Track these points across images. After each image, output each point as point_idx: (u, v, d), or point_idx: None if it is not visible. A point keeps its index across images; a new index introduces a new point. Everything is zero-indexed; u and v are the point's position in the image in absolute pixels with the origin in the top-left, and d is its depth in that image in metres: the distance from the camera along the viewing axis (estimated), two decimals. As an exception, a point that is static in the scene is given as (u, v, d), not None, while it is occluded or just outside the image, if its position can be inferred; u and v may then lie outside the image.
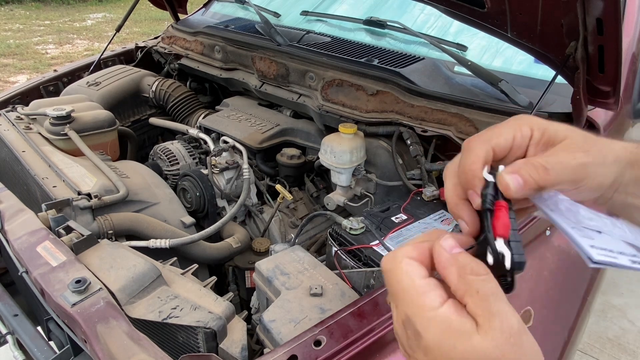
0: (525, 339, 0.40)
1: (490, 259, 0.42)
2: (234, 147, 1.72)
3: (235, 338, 0.97)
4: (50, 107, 1.65)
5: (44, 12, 10.49)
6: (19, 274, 1.04)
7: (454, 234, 0.46)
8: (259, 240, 1.54)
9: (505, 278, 0.42)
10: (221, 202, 1.65)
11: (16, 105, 1.79)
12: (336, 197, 1.53)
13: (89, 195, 1.29)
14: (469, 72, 1.47)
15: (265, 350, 0.95)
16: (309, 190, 1.77)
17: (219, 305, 0.99)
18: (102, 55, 2.31)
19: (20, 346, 1.12)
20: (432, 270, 0.45)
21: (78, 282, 0.93)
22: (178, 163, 1.74)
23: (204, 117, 1.95)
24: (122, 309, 0.93)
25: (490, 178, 0.45)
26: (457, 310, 0.41)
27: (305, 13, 2.14)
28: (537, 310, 1.01)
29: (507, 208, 0.44)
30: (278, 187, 1.63)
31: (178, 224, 1.43)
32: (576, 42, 1.07)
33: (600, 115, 1.35)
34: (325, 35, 1.94)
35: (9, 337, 1.15)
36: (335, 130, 1.51)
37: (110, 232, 1.26)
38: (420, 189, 1.37)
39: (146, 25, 9.24)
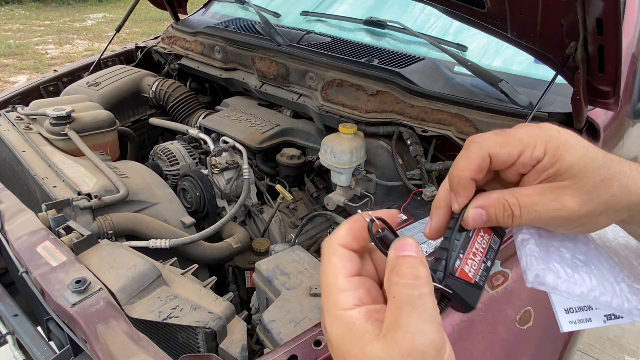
0: None
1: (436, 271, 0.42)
2: (234, 147, 1.72)
3: (235, 338, 0.97)
4: (50, 107, 1.65)
5: (44, 12, 10.49)
6: (19, 274, 1.04)
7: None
8: (259, 240, 1.54)
9: (446, 299, 0.42)
10: (221, 202, 1.65)
11: (16, 105, 1.79)
12: (336, 197, 1.53)
13: (89, 195, 1.29)
14: (469, 72, 1.47)
15: (265, 350, 0.95)
16: (309, 190, 1.77)
17: (219, 305, 0.99)
18: (102, 55, 2.31)
19: (20, 346, 1.12)
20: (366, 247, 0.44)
21: (78, 282, 0.93)
22: (178, 163, 1.74)
23: (204, 117, 1.95)
24: (122, 309, 0.93)
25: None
26: (366, 315, 0.39)
27: (305, 13, 2.14)
28: (537, 310, 1.01)
29: (489, 235, 0.45)
30: (278, 187, 1.63)
31: (178, 224, 1.43)
32: (576, 42, 1.07)
33: (600, 115, 1.35)
34: (325, 36, 1.94)
35: (9, 337, 1.15)
36: (335, 130, 1.51)
37: (110, 232, 1.26)
38: (420, 189, 1.37)
39: (146, 25, 9.25)
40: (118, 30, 2.35)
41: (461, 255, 0.43)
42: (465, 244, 0.44)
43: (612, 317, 0.46)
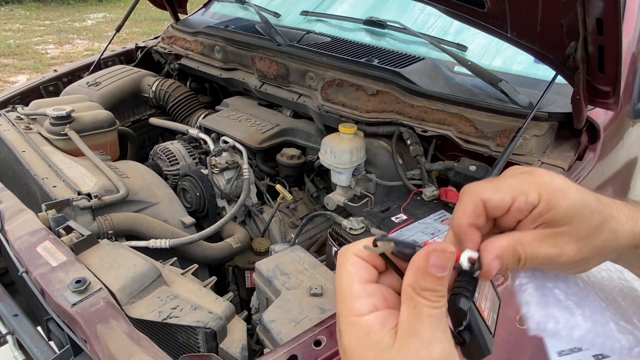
0: None
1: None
2: (234, 147, 1.72)
3: (235, 338, 0.97)
4: (50, 107, 1.65)
5: (44, 12, 10.48)
6: (19, 274, 1.04)
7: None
8: (259, 240, 1.54)
9: (461, 334, 0.41)
10: (221, 202, 1.65)
11: (16, 105, 1.79)
12: (336, 197, 1.53)
13: (89, 195, 1.29)
14: (469, 72, 1.47)
15: (265, 350, 0.95)
16: (309, 190, 1.77)
17: (219, 305, 0.99)
18: (102, 55, 2.31)
19: (20, 346, 1.12)
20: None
21: (78, 282, 0.93)
22: (178, 163, 1.74)
23: (204, 117, 1.95)
24: (122, 309, 0.93)
25: (466, 266, 0.41)
26: (383, 322, 0.39)
27: (305, 13, 2.14)
28: (537, 310, 1.01)
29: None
30: (278, 187, 1.63)
31: (178, 224, 1.43)
32: (576, 42, 1.07)
33: (600, 115, 1.35)
34: (325, 35, 1.94)
35: (9, 337, 1.15)
36: (335, 130, 1.51)
37: (110, 232, 1.26)
38: (420, 189, 1.37)
39: (146, 25, 9.24)
40: (118, 30, 2.35)
41: (477, 290, 0.42)
42: (478, 288, 0.43)
43: (600, 356, 0.46)
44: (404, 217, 1.25)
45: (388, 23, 1.83)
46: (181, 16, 2.49)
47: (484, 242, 0.43)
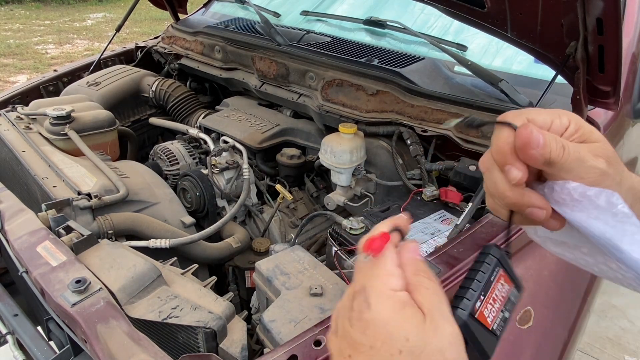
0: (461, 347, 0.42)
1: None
2: (234, 147, 1.72)
3: (235, 338, 0.97)
4: (50, 107, 1.65)
5: (44, 12, 10.48)
6: (19, 274, 1.04)
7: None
8: (259, 240, 1.54)
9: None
10: (221, 202, 1.65)
11: (16, 105, 1.79)
12: (336, 197, 1.53)
13: (89, 195, 1.29)
14: (469, 72, 1.47)
15: (265, 350, 0.95)
16: (309, 190, 1.77)
17: (219, 305, 0.99)
18: (102, 55, 2.30)
19: (20, 346, 1.12)
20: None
21: (78, 282, 0.93)
22: (178, 163, 1.74)
23: (204, 117, 1.95)
24: (122, 309, 0.93)
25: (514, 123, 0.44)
26: (411, 300, 0.43)
27: (305, 13, 2.14)
28: (537, 310, 1.01)
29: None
30: (278, 187, 1.63)
31: (178, 224, 1.43)
32: (576, 42, 1.07)
33: (600, 115, 1.35)
34: (325, 35, 1.94)
35: (9, 337, 1.15)
36: (335, 130, 1.51)
37: (110, 232, 1.26)
38: (420, 189, 1.37)
39: (146, 25, 9.24)
40: (118, 30, 2.35)
41: (482, 297, 0.43)
42: (487, 287, 0.44)
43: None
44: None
45: (388, 23, 1.83)
46: (181, 16, 2.49)
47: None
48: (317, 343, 0.81)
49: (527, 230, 0.56)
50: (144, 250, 1.21)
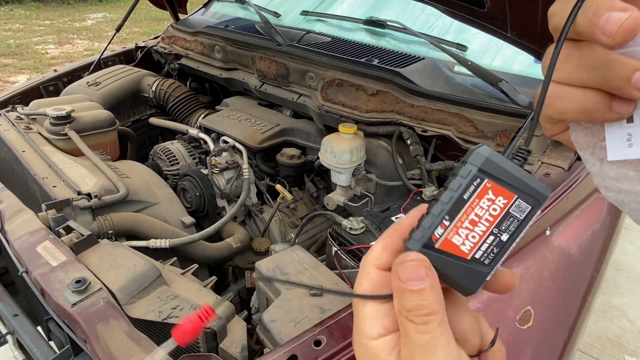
0: None
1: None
2: (234, 147, 1.72)
3: (235, 338, 0.97)
4: (50, 107, 1.65)
5: (44, 12, 10.48)
6: (19, 274, 1.04)
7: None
8: (259, 240, 1.54)
9: None
10: (221, 202, 1.65)
11: (16, 105, 1.79)
12: (336, 197, 1.53)
13: (89, 195, 1.29)
14: (469, 72, 1.47)
15: (265, 350, 0.95)
16: (309, 190, 1.77)
17: (219, 305, 0.99)
18: (102, 55, 2.30)
19: (20, 346, 1.12)
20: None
21: (78, 282, 0.93)
22: (178, 163, 1.74)
23: (204, 117, 1.95)
24: (122, 309, 0.93)
25: None
26: (390, 349, 0.36)
27: (305, 13, 2.14)
28: (537, 310, 1.01)
29: None
30: (278, 187, 1.63)
31: (178, 224, 1.43)
32: (576, 42, 1.07)
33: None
34: (325, 35, 1.94)
35: (9, 337, 1.14)
36: (335, 130, 1.51)
37: (110, 232, 1.26)
38: (420, 189, 1.37)
39: (146, 25, 9.24)
40: (118, 30, 2.35)
41: (446, 222, 0.35)
42: (456, 207, 0.35)
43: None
44: (404, 217, 1.25)
45: (388, 23, 1.83)
46: (181, 16, 2.49)
47: None
48: (317, 343, 0.81)
49: (587, 158, 0.38)
50: (144, 250, 1.21)
